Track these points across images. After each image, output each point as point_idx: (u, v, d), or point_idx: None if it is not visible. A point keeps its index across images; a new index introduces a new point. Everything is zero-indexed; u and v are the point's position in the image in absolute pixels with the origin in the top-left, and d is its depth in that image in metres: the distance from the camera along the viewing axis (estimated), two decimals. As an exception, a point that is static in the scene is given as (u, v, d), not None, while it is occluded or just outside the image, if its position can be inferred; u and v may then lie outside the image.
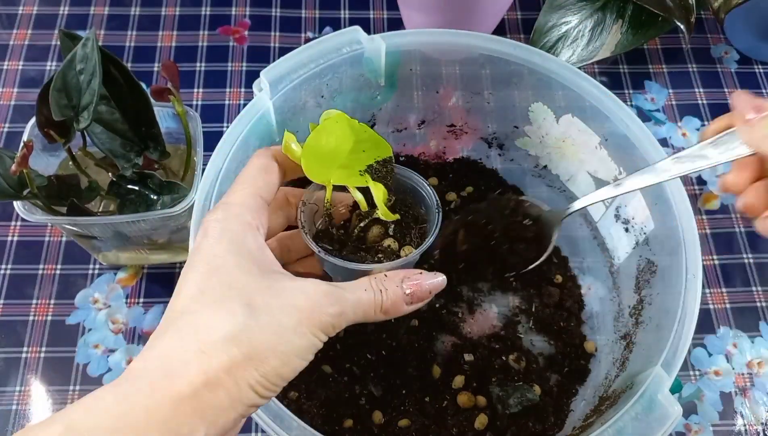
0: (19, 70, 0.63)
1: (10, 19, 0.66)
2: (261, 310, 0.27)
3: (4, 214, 0.56)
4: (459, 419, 0.45)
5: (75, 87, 0.43)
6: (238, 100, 0.63)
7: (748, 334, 0.54)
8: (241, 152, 0.41)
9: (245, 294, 0.28)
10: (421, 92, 0.51)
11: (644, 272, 0.44)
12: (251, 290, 0.28)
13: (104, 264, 0.54)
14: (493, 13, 0.63)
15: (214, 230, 0.30)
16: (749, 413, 0.51)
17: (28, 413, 0.48)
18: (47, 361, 0.50)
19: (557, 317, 0.50)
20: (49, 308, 0.52)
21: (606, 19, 0.61)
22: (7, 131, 0.60)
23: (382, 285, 0.31)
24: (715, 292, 0.56)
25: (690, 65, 0.67)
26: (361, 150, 0.35)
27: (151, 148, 0.48)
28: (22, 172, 0.41)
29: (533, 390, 0.45)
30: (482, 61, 0.47)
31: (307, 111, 0.46)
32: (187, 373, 0.25)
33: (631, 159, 0.44)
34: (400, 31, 0.46)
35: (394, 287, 0.31)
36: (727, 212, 0.59)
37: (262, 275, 0.29)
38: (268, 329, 0.27)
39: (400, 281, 0.32)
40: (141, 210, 0.46)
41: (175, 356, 0.26)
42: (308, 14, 0.68)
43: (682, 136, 0.63)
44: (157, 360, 0.26)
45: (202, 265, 0.29)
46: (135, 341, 0.51)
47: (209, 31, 0.67)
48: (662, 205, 0.42)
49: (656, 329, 0.40)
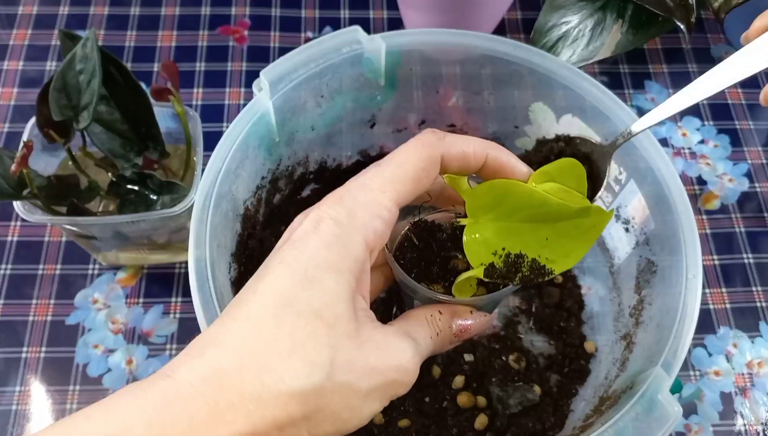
0: (19, 70, 0.63)
1: (10, 19, 0.66)
2: (341, 369, 0.23)
3: (3, 215, 0.56)
4: (459, 419, 0.45)
5: (75, 87, 0.43)
6: (238, 100, 0.63)
7: (748, 334, 0.54)
8: (240, 152, 0.41)
9: (332, 341, 0.23)
10: (421, 92, 0.51)
11: (644, 272, 0.44)
12: (338, 334, 0.24)
13: (104, 264, 0.54)
14: (493, 13, 0.63)
15: (329, 230, 0.25)
16: (749, 413, 0.51)
17: (28, 413, 0.48)
18: (47, 361, 0.50)
19: (557, 317, 0.50)
20: (48, 308, 0.52)
21: (606, 19, 0.61)
22: (7, 131, 0.60)
23: (437, 326, 0.29)
24: (715, 292, 0.56)
25: (690, 65, 0.67)
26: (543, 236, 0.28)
27: (150, 148, 0.48)
28: (22, 172, 0.41)
29: (533, 390, 0.46)
30: (482, 61, 0.47)
31: (306, 111, 0.46)
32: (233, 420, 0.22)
33: (631, 159, 0.44)
34: (400, 31, 0.46)
35: (447, 327, 0.29)
36: (727, 212, 0.59)
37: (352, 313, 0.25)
38: (340, 392, 0.23)
39: (451, 320, 0.29)
40: (141, 210, 0.46)
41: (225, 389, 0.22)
42: (308, 14, 0.68)
43: (682, 136, 0.63)
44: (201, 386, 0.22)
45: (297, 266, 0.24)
46: (135, 341, 0.51)
47: (209, 31, 0.67)
48: (662, 205, 0.42)
49: (656, 329, 0.40)
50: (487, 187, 0.28)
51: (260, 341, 0.23)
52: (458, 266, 0.32)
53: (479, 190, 0.28)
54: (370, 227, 0.25)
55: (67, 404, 0.48)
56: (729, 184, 0.61)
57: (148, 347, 0.51)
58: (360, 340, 0.24)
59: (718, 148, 0.63)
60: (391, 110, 0.51)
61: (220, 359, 0.23)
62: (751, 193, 0.61)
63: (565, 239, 0.28)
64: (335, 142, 0.51)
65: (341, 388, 0.23)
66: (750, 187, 0.61)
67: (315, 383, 0.23)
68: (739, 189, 0.61)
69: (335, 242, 0.25)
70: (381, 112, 0.51)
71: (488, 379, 0.46)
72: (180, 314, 0.52)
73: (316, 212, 0.26)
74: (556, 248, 0.28)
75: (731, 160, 0.62)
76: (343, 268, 0.24)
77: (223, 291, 0.37)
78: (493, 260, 0.28)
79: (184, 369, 0.23)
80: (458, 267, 0.32)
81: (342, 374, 0.23)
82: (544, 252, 0.28)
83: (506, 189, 0.28)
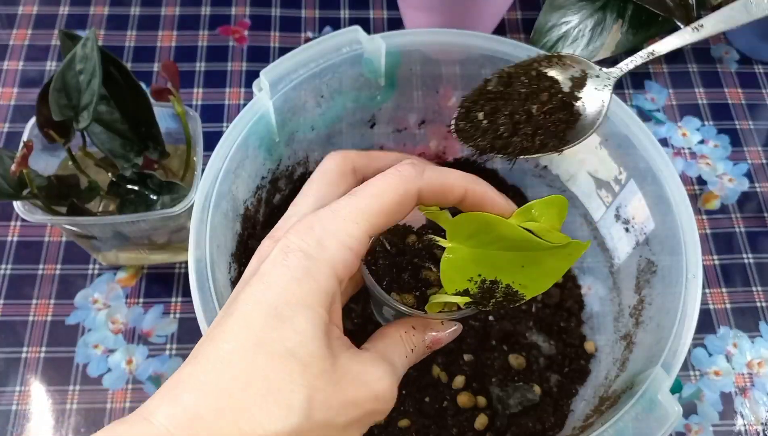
0: (19, 70, 0.63)
1: (10, 19, 0.66)
2: (319, 408, 0.23)
3: (3, 215, 0.56)
4: (459, 419, 0.45)
5: (75, 87, 0.43)
6: (238, 100, 0.63)
7: (748, 334, 0.54)
8: (240, 152, 0.41)
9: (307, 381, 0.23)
10: (421, 92, 0.51)
11: (644, 272, 0.44)
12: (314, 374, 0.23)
13: (104, 264, 0.54)
14: (493, 13, 0.63)
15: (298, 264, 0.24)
16: (749, 413, 0.51)
17: (28, 413, 0.48)
18: (47, 361, 0.50)
19: (557, 317, 0.50)
20: (48, 308, 0.52)
21: (606, 19, 0.61)
22: (7, 131, 0.60)
23: (412, 342, 0.28)
24: (715, 292, 0.56)
25: (690, 65, 0.67)
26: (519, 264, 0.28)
27: (150, 148, 0.48)
28: (21, 172, 0.41)
29: (533, 390, 0.46)
30: (482, 61, 0.47)
31: (307, 111, 0.46)
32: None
33: (631, 159, 0.44)
34: (400, 31, 0.46)
35: (420, 341, 0.29)
36: (727, 212, 0.60)
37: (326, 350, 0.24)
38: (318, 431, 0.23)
39: (424, 333, 0.29)
40: (141, 210, 0.46)
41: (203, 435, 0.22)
42: (308, 14, 0.68)
43: (682, 136, 0.63)
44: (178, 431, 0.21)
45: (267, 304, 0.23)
46: (135, 341, 0.51)
47: (209, 31, 0.67)
48: (662, 205, 0.42)
49: (656, 329, 0.40)
50: (468, 218, 0.28)
51: (235, 384, 0.22)
52: (430, 278, 0.31)
53: (461, 220, 0.28)
54: (340, 259, 0.25)
55: (67, 404, 0.48)
56: (729, 184, 0.61)
57: (148, 347, 0.51)
58: (336, 376, 0.24)
59: (718, 148, 0.63)
60: (391, 110, 0.51)
61: (196, 403, 0.22)
62: (751, 193, 0.61)
63: (540, 266, 0.28)
64: (335, 142, 0.51)
65: (319, 426, 0.23)
66: (750, 187, 0.61)
67: (293, 425, 0.22)
68: (739, 189, 0.61)
69: (305, 276, 0.24)
70: (381, 112, 0.51)
71: (488, 379, 0.46)
72: (180, 314, 0.52)
73: (284, 242, 0.25)
74: (530, 274, 0.28)
75: (731, 160, 0.62)
76: (314, 303, 0.24)
77: (223, 291, 0.37)
78: (468, 287, 0.28)
79: (161, 414, 0.22)
80: (430, 278, 0.31)
81: (320, 413, 0.23)
82: (518, 278, 0.28)
83: (488, 224, 0.28)
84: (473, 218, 0.28)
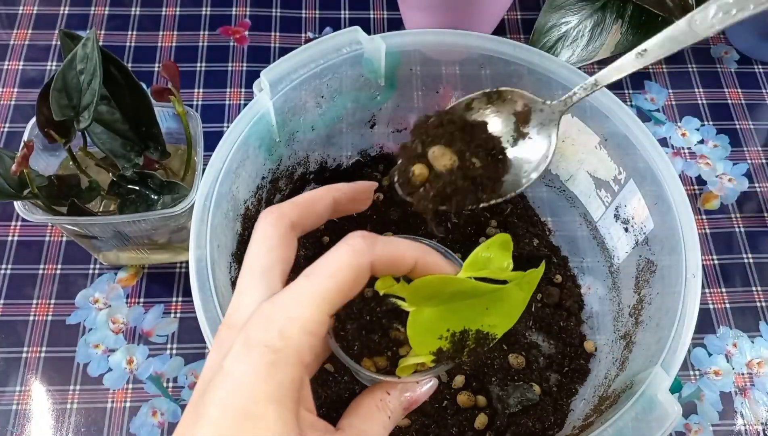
0: (19, 70, 0.63)
1: (10, 19, 0.66)
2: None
3: (4, 215, 0.56)
4: (459, 419, 0.45)
5: (75, 87, 0.43)
6: (239, 100, 0.63)
7: (748, 334, 0.54)
8: (241, 152, 0.41)
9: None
10: (421, 92, 0.51)
11: (644, 272, 0.45)
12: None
13: (104, 264, 0.54)
14: (493, 13, 0.63)
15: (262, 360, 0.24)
16: (749, 413, 0.51)
17: (29, 413, 0.48)
18: (47, 361, 0.50)
19: (557, 316, 0.50)
20: (49, 308, 0.52)
21: (606, 19, 0.61)
22: (7, 131, 0.60)
23: (388, 410, 0.28)
24: (715, 292, 0.56)
25: (690, 65, 0.68)
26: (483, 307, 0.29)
27: (151, 148, 0.48)
28: (22, 172, 0.42)
29: (533, 390, 0.46)
30: (482, 61, 0.47)
31: (307, 111, 0.46)
32: None
33: (631, 159, 0.44)
34: (400, 31, 0.46)
35: (397, 406, 0.29)
36: (727, 212, 0.60)
37: None
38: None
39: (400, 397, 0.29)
40: (141, 210, 0.46)
41: None
42: (308, 14, 0.68)
43: (682, 136, 0.63)
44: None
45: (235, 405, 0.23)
46: (135, 340, 0.51)
47: (209, 31, 0.67)
48: (662, 205, 0.42)
49: (656, 328, 0.40)
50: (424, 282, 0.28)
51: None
52: (400, 338, 0.31)
53: (417, 285, 0.28)
54: (306, 346, 0.24)
55: (67, 404, 0.48)
56: (728, 184, 0.61)
57: (148, 346, 0.51)
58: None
59: (717, 148, 0.63)
60: (391, 110, 0.51)
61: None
62: (751, 193, 0.61)
63: (504, 302, 0.29)
64: (335, 142, 0.51)
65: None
66: (749, 187, 0.61)
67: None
68: (738, 189, 0.61)
69: (270, 371, 0.23)
70: (381, 112, 0.51)
71: (488, 378, 0.46)
72: (180, 313, 0.52)
73: (245, 337, 0.24)
74: (496, 313, 0.29)
75: (731, 160, 0.62)
76: (282, 397, 0.23)
77: (224, 291, 0.37)
78: (440, 345, 0.29)
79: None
80: (400, 338, 0.31)
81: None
82: (486, 320, 0.29)
83: (443, 283, 0.28)
84: (428, 281, 0.28)
